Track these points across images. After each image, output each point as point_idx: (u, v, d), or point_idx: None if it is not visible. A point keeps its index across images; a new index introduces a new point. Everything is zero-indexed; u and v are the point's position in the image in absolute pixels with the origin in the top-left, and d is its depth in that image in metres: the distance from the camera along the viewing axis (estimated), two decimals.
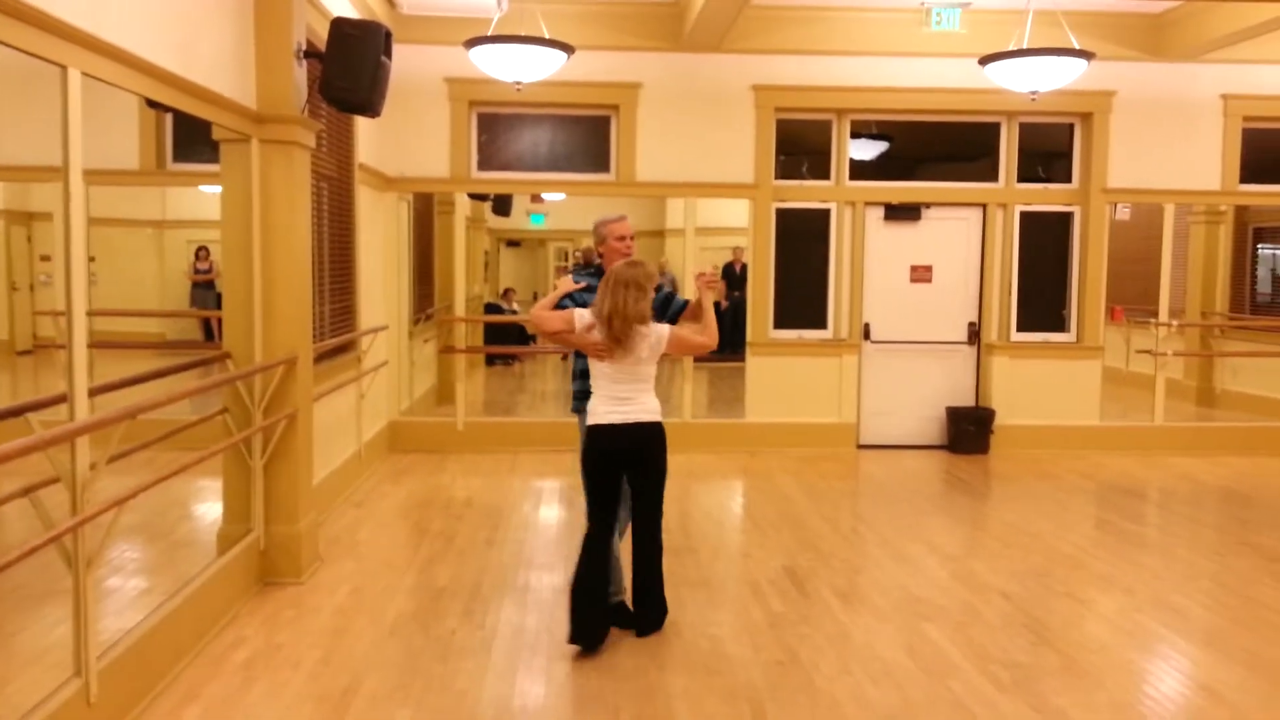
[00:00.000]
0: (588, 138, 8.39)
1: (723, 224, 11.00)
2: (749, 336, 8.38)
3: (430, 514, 6.16)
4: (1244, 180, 8.36)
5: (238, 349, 4.62)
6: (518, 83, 6.60)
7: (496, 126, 8.36)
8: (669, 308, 4.35)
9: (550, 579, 4.94)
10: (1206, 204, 9.43)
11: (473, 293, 12.72)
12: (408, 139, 7.94)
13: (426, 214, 9.46)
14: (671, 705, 3.52)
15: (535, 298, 16.92)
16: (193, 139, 4.52)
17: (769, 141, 8.20)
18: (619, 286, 3.90)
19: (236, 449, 4.56)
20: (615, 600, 4.17)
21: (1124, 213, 8.52)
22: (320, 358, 5.73)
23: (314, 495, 5.16)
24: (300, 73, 4.79)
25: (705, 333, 4.15)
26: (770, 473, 7.47)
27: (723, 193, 8.40)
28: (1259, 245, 10.33)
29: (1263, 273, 10.50)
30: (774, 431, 8.29)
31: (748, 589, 4.80)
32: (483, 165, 8.29)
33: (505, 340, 12.88)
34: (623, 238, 4.38)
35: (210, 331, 8.28)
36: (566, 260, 16.22)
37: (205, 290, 8.92)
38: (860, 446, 8.40)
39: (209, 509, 5.48)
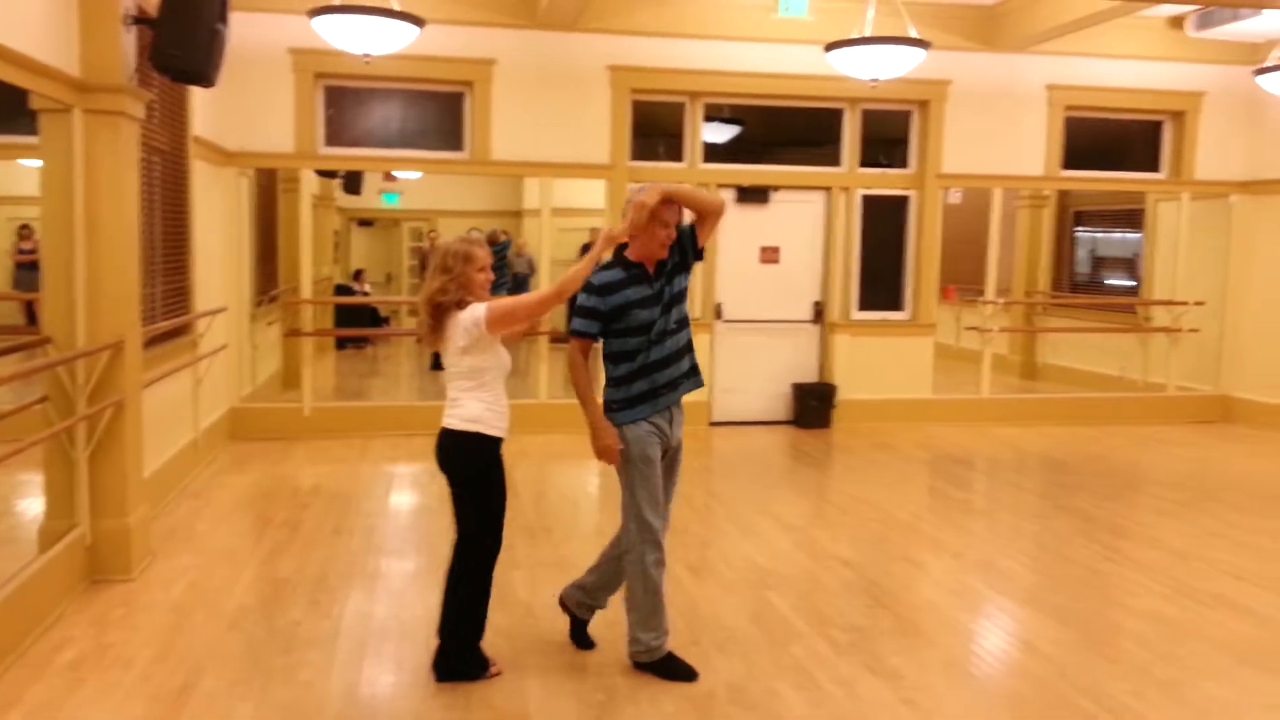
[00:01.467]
0: (441, 115, 8.23)
1: (580, 205, 10.99)
2: None
3: (274, 503, 5.96)
4: (1065, 166, 8.94)
5: (59, 333, 4.33)
6: (366, 55, 6.40)
7: (345, 101, 8.09)
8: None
9: (401, 565, 4.87)
10: (1031, 188, 10.06)
11: (322, 274, 12.32)
12: (249, 112, 7.59)
13: (270, 191, 9.09)
14: (524, 687, 3.54)
15: (389, 280, 16.54)
16: (13, 109, 4.20)
17: (625, 122, 8.24)
18: (429, 268, 3.49)
19: (58, 439, 4.29)
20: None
21: (956, 196, 8.99)
22: (151, 341, 5.44)
23: (146, 487, 4.91)
24: (129, 39, 4.51)
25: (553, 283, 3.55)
26: None
27: (579, 173, 8.39)
28: (1078, 228, 11.11)
29: (1082, 254, 11.30)
30: None
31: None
32: (330, 141, 8.01)
33: (357, 323, 12.54)
34: (668, 225, 3.56)
35: (34, 315, 7.73)
36: (423, 240, 15.87)
37: (29, 271, 8.32)
38: (712, 424, 8.60)
39: (30, 504, 5.14)
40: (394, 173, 13.78)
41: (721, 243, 8.59)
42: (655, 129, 8.76)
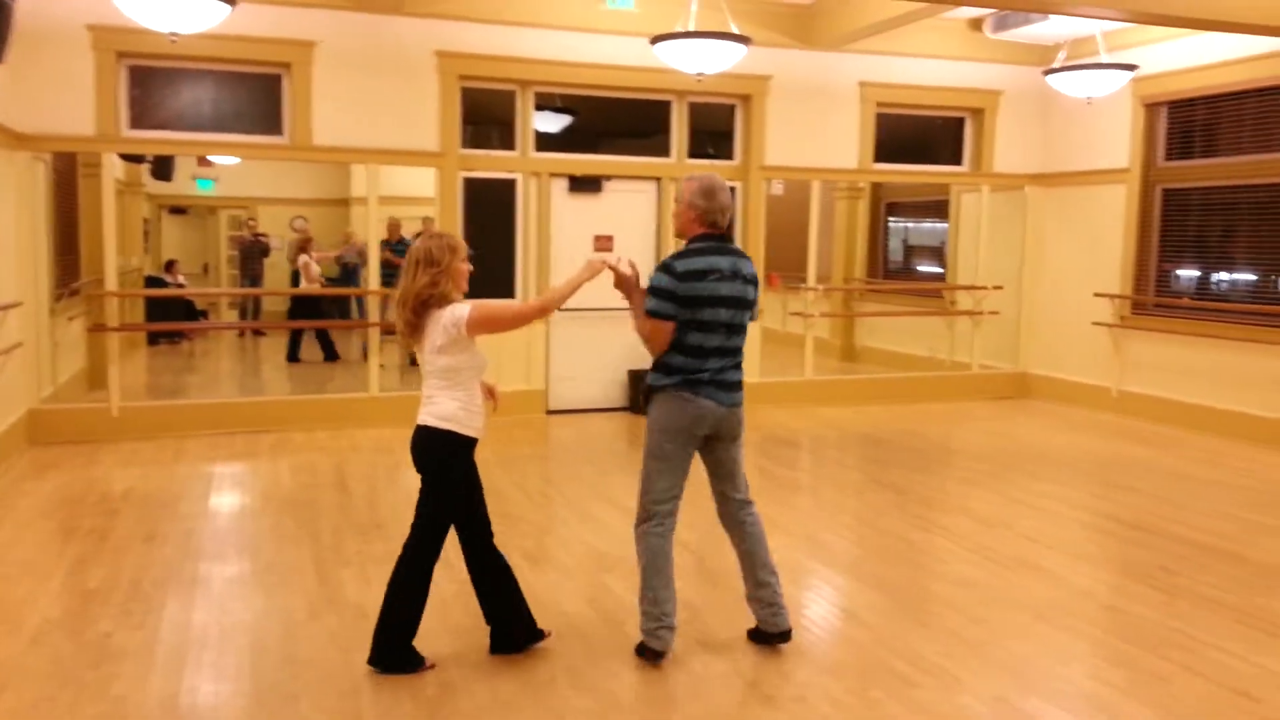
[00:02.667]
0: (258, 97, 7.87)
1: (411, 193, 10.77)
2: None
3: (80, 510, 5.57)
4: (877, 160, 9.43)
5: None
6: (173, 34, 6.04)
7: (151, 81, 7.62)
8: None
9: (222, 570, 4.66)
10: (848, 181, 10.56)
11: (131, 265, 11.56)
12: (44, 92, 7.04)
13: (70, 176, 8.44)
14: (357, 688, 3.47)
15: (205, 270, 15.67)
16: None
17: (454, 109, 8.12)
18: (408, 264, 3.43)
19: None
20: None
21: (778, 188, 9.34)
22: None
23: None
24: None
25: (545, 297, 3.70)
26: None
27: (408, 160, 8.21)
28: (890, 218, 11.75)
29: (895, 243, 11.97)
30: None
31: (439, 563, 4.79)
32: (136, 123, 7.53)
33: (170, 317, 11.81)
34: (678, 199, 3.76)
35: None
36: (242, 229, 15.09)
37: None
38: (549, 412, 8.63)
39: None
40: (210, 158, 13.07)
41: (555, 231, 8.61)
42: (487, 117, 8.68)
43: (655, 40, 7.05)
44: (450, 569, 4.08)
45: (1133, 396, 8.83)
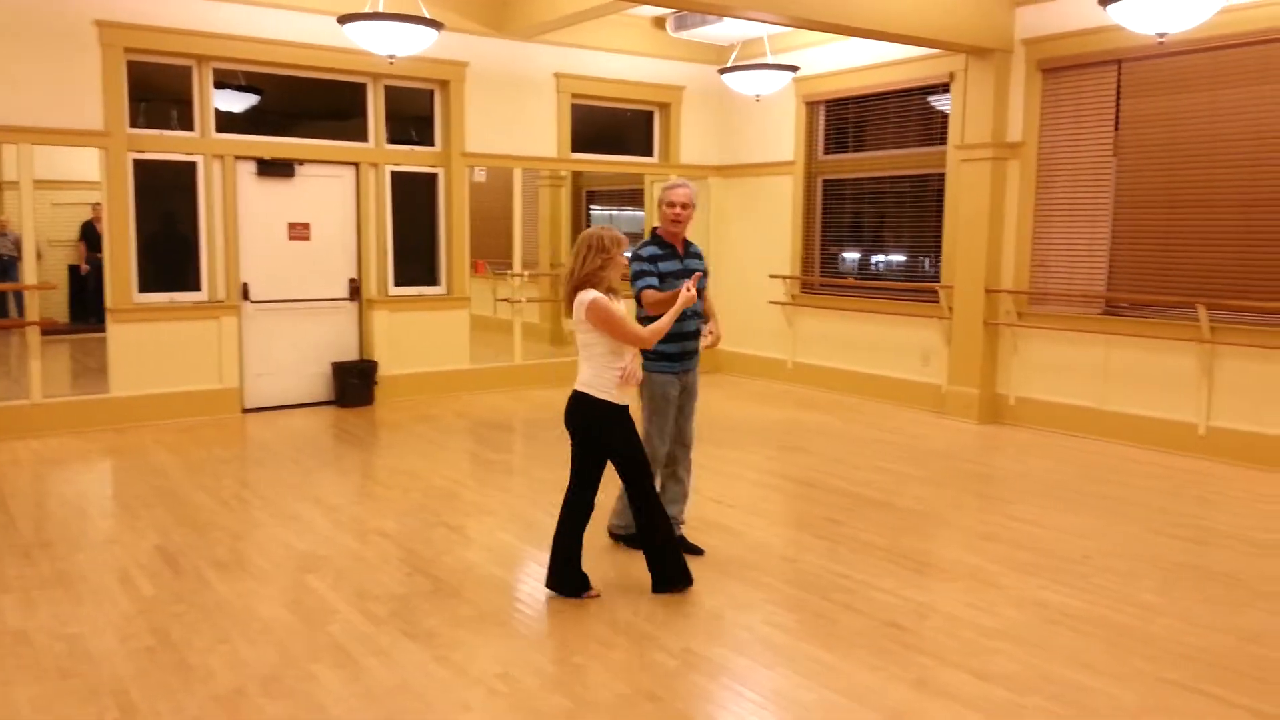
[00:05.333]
0: None
1: (75, 176, 9.69)
2: (109, 302, 7.60)
3: None
4: (575, 149, 9.72)
5: None
6: None
7: None
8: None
9: None
10: (548, 169, 10.77)
11: None
12: None
13: None
14: (18, 715, 3.16)
15: None
16: None
17: (119, 84, 7.44)
18: (579, 247, 4.06)
19: None
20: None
21: (480, 175, 9.38)
22: None
23: None
24: None
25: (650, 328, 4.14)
26: (144, 449, 6.92)
27: (67, 140, 7.40)
28: (592, 206, 12.15)
29: None
30: (147, 404, 7.68)
31: (114, 578, 4.45)
32: None
33: None
34: (672, 205, 4.63)
35: None
36: None
37: None
38: (246, 410, 8.17)
39: None
40: None
41: (244, 219, 8.14)
42: (163, 94, 8.02)
43: (344, 20, 6.83)
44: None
45: (805, 367, 9.76)
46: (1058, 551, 4.92)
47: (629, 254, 4.30)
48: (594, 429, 4.15)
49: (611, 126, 10.33)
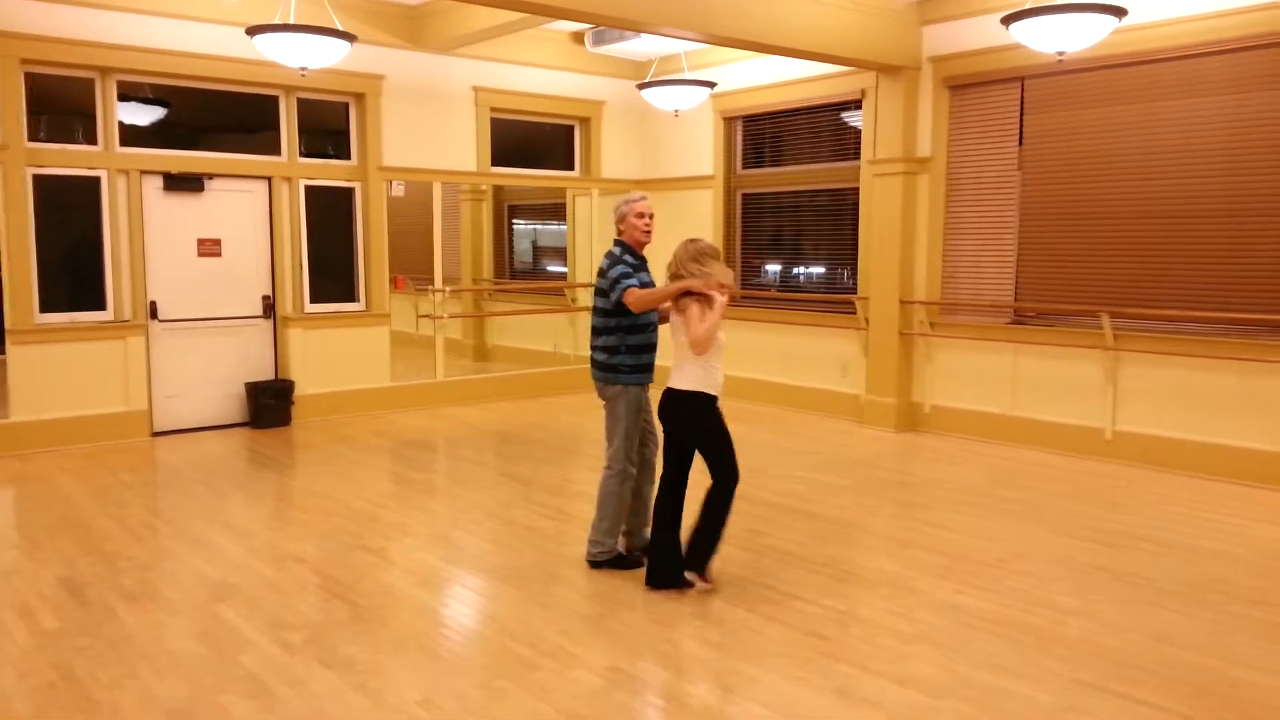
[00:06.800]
0: None
1: None
2: (9, 323, 7.29)
3: None
4: (495, 163, 9.67)
5: None
6: None
7: None
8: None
9: None
10: (469, 183, 10.71)
11: None
12: None
13: None
14: None
15: None
16: None
17: (16, 96, 7.17)
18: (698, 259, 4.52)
19: None
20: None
21: (399, 189, 9.26)
22: None
23: None
24: None
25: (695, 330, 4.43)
26: (48, 476, 6.64)
27: None
28: (515, 220, 12.10)
29: (525, 244, 12.34)
30: (50, 429, 7.38)
31: (13, 612, 4.25)
32: None
33: None
34: (641, 215, 4.73)
35: None
36: None
37: None
38: (155, 434, 7.90)
39: None
40: None
41: (151, 235, 7.90)
42: (64, 107, 7.73)
43: (253, 31, 6.68)
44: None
45: (727, 379, 9.69)
46: (973, 556, 5.04)
47: (608, 261, 4.66)
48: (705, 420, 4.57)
49: (532, 140, 10.30)
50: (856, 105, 8.67)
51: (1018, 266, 7.69)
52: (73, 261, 7.68)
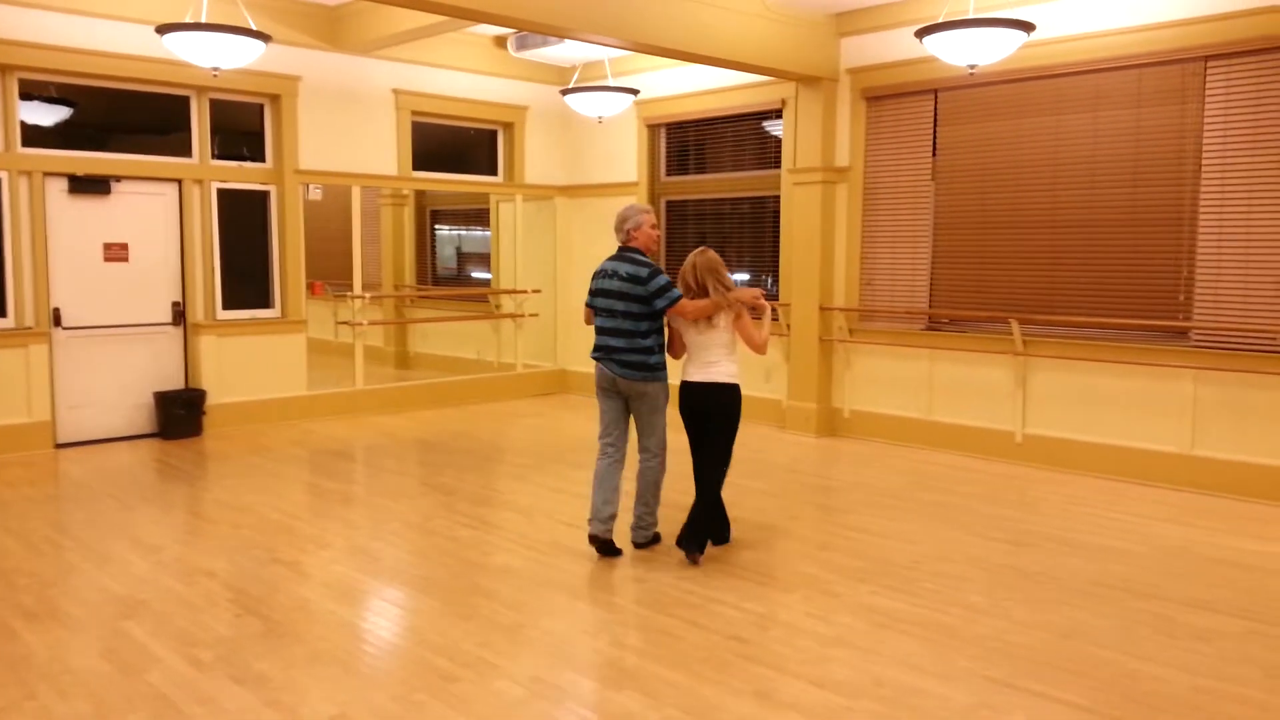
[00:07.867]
0: None
1: None
2: None
3: None
4: (417, 167, 9.55)
5: None
6: None
7: None
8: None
9: None
10: (389, 187, 10.55)
11: None
12: None
13: None
14: None
15: None
16: None
17: None
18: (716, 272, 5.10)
19: None
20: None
21: (316, 193, 9.07)
22: None
23: None
24: None
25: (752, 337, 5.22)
26: None
27: None
28: (437, 225, 11.96)
29: (449, 250, 12.20)
30: None
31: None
32: None
33: None
34: (655, 225, 5.24)
35: None
36: None
37: None
38: (59, 446, 7.60)
39: None
40: None
41: (55, 239, 7.61)
42: None
43: (162, 30, 6.49)
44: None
45: None
46: (890, 558, 5.14)
47: (648, 270, 5.05)
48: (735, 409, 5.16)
49: (455, 145, 10.20)
50: (777, 115, 8.80)
51: (932, 274, 7.89)
52: None
